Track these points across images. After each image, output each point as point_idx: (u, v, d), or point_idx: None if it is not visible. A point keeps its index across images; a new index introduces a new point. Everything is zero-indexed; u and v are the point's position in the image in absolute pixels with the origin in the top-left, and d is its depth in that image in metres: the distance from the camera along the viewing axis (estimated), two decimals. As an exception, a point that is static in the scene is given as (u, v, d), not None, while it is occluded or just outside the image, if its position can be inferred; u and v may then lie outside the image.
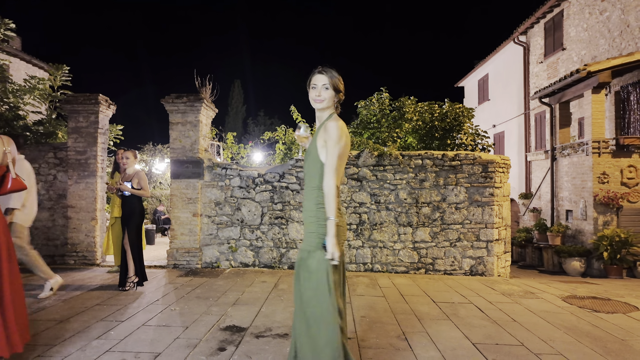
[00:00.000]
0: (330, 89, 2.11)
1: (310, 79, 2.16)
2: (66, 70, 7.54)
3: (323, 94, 2.11)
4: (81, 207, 6.25)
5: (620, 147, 8.41)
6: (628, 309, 4.29)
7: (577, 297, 4.83)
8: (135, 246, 4.62)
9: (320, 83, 2.11)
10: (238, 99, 32.36)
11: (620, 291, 5.50)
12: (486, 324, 3.62)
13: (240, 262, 6.13)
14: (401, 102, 7.63)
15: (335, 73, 2.12)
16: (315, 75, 2.13)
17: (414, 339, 3.19)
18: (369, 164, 6.07)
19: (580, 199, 8.87)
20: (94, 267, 6.11)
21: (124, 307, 3.95)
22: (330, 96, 2.12)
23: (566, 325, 3.63)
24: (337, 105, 2.19)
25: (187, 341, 3.06)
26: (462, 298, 4.53)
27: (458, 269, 5.95)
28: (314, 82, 2.13)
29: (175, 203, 6.15)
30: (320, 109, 2.14)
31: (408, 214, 6.02)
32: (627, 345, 3.17)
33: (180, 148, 6.20)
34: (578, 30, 11.04)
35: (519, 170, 13.50)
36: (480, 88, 17.63)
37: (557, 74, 11.78)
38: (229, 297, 4.39)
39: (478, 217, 5.98)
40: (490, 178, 5.99)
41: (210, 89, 6.40)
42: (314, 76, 2.14)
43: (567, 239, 9.15)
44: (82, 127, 6.31)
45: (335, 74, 2.12)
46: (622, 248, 7.65)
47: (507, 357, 2.87)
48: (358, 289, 4.87)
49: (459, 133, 7.35)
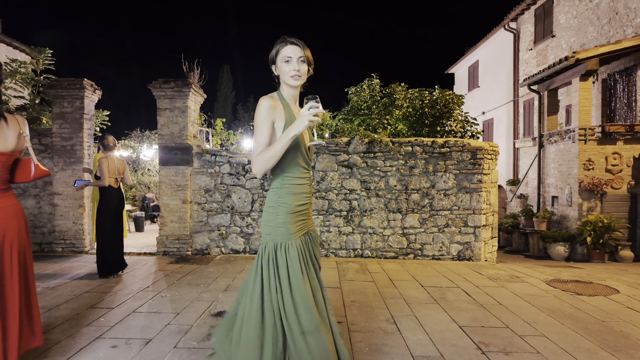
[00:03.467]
0: (305, 63, 1.83)
1: (279, 51, 1.82)
2: (49, 53, 7.33)
3: (302, 69, 1.81)
4: (68, 194, 6.16)
5: (606, 134, 8.55)
6: (609, 292, 4.43)
7: (560, 280, 4.97)
8: (101, 235, 4.62)
9: (296, 56, 1.79)
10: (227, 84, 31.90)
11: (602, 275, 5.67)
12: (473, 307, 3.71)
13: (230, 249, 6.14)
14: (392, 88, 7.61)
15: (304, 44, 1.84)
16: (287, 46, 1.81)
17: (403, 323, 3.26)
18: (359, 150, 6.08)
19: (566, 185, 9.04)
20: (82, 254, 6.06)
21: (113, 294, 3.94)
22: (305, 71, 1.84)
23: (550, 308, 3.73)
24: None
25: (178, 327, 3.08)
26: (449, 282, 4.62)
27: (446, 254, 6.06)
28: (288, 55, 1.80)
29: (164, 190, 6.09)
30: (298, 86, 1.85)
31: (398, 200, 6.07)
32: (607, 327, 3.28)
33: (169, 134, 6.12)
34: (568, 17, 11.07)
35: (507, 157, 13.66)
36: (470, 75, 17.66)
37: (546, 61, 11.84)
38: (219, 283, 4.41)
39: (466, 204, 6.06)
40: (479, 165, 6.05)
41: (198, 74, 6.30)
42: (285, 47, 1.81)
43: (552, 224, 9.35)
44: (67, 112, 6.17)
45: (304, 44, 1.84)
46: (605, 233, 7.86)
47: (492, 339, 2.96)
48: (348, 274, 4.93)
49: (449, 120, 7.39)
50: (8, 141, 2.07)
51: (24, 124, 2.17)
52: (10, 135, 2.08)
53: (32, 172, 2.25)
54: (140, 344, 2.77)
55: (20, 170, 2.23)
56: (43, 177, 2.38)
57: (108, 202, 4.64)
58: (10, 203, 2.14)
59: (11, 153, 2.10)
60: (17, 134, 2.10)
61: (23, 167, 2.24)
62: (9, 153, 2.09)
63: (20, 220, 2.16)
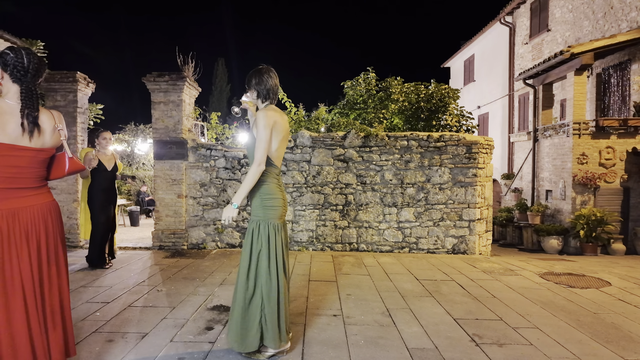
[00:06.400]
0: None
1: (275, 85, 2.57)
2: (40, 45, 7.23)
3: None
4: (62, 188, 6.11)
5: (600, 128, 8.61)
6: (601, 284, 4.49)
7: (554, 273, 5.03)
8: (94, 226, 4.70)
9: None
10: (222, 77, 31.69)
11: (594, 267, 5.74)
12: (467, 300, 3.75)
13: (226, 243, 6.14)
14: (388, 82, 7.60)
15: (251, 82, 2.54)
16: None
17: (398, 316, 3.29)
18: (355, 145, 6.08)
19: (560, 179, 9.10)
20: (77, 249, 6.04)
21: (109, 288, 3.93)
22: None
23: (543, 301, 3.78)
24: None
25: (175, 321, 3.09)
26: (444, 276, 4.66)
27: (441, 247, 6.10)
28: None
29: (159, 184, 6.07)
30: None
31: (393, 194, 6.09)
32: (599, 319, 3.33)
33: (163, 128, 6.08)
34: (563, 11, 11.07)
35: (501, 151, 13.73)
36: (466, 69, 17.66)
37: (541, 55, 11.86)
38: (215, 277, 4.41)
39: (461, 197, 6.09)
40: (474, 159, 6.08)
41: (193, 67, 6.24)
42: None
43: (546, 218, 9.43)
44: (60, 106, 6.09)
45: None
46: (598, 226, 7.94)
47: (486, 331, 2.99)
48: (344, 268, 4.96)
49: (444, 114, 7.39)
50: (45, 137, 1.96)
51: (59, 118, 2.06)
52: (47, 131, 1.97)
53: (66, 167, 2.11)
54: (136, 338, 2.77)
55: (55, 166, 2.11)
56: (78, 172, 2.22)
57: (95, 193, 4.72)
58: (45, 200, 2.01)
59: (48, 149, 2.00)
60: (52, 129, 2.00)
61: (58, 162, 2.12)
62: (46, 149, 1.98)
63: (55, 218, 2.03)
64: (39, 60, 1.98)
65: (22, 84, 1.91)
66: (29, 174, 1.94)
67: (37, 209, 1.96)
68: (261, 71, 2.51)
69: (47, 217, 2.00)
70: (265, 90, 2.50)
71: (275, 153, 2.48)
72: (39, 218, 1.96)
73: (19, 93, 1.90)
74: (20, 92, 1.90)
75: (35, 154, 1.93)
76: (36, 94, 1.95)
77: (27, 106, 1.89)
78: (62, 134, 2.05)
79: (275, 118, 2.44)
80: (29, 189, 1.95)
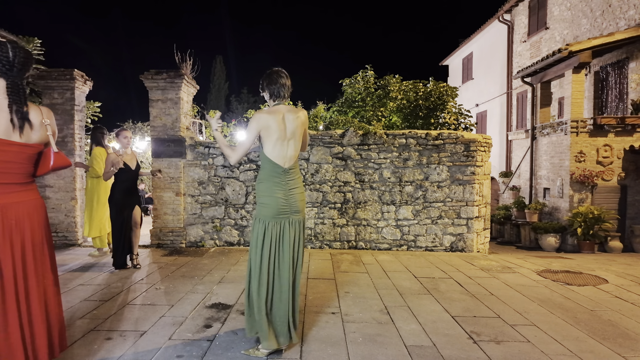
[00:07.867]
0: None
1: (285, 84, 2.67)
2: (38, 43, 7.20)
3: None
4: (60, 186, 6.10)
5: (597, 126, 8.63)
6: (598, 282, 4.51)
7: (551, 271, 5.04)
8: (114, 228, 4.59)
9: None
10: (220, 75, 31.62)
11: (591, 265, 5.77)
12: (465, 297, 3.76)
13: (225, 241, 6.14)
14: (386, 80, 7.60)
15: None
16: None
17: (396, 313, 3.30)
18: (353, 143, 6.07)
19: (558, 177, 9.13)
20: (75, 247, 6.03)
21: (107, 286, 3.93)
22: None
23: (540, 298, 3.80)
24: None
25: (173, 319, 3.09)
26: (442, 273, 4.68)
27: (439, 245, 6.11)
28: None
29: (157, 182, 6.05)
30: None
31: (391, 192, 6.10)
32: (596, 316, 3.35)
33: (161, 126, 6.06)
34: (561, 9, 11.08)
35: (500, 149, 13.75)
36: (464, 67, 17.66)
37: (539, 54, 11.87)
38: (214, 275, 4.42)
39: (459, 195, 6.10)
40: (472, 157, 6.09)
41: (190, 64, 6.22)
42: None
43: (544, 216, 9.46)
44: (57, 104, 6.07)
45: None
46: (595, 224, 7.97)
47: (484, 328, 3.01)
48: (342, 265, 4.97)
49: (443, 112, 7.40)
50: (32, 133, 1.93)
51: (47, 114, 2.02)
52: (35, 126, 1.93)
53: (51, 162, 2.05)
54: (134, 336, 2.77)
55: (42, 162, 2.06)
56: (63, 168, 2.14)
57: (112, 193, 4.59)
58: (31, 197, 1.99)
59: (36, 145, 1.96)
60: (39, 124, 1.95)
61: (44, 158, 2.06)
62: (33, 145, 1.95)
63: (40, 216, 2.01)
64: (25, 54, 1.92)
65: (7, 79, 1.86)
66: (17, 169, 1.92)
67: (23, 206, 1.93)
68: (269, 74, 2.66)
69: (33, 214, 1.97)
70: (271, 90, 2.65)
71: (273, 153, 2.53)
72: (25, 215, 1.93)
73: (5, 88, 1.85)
74: (6, 87, 1.85)
75: (22, 149, 1.90)
76: (23, 88, 1.91)
77: (14, 101, 1.84)
78: (49, 129, 2.00)
79: (265, 121, 2.49)
80: (17, 184, 1.93)
